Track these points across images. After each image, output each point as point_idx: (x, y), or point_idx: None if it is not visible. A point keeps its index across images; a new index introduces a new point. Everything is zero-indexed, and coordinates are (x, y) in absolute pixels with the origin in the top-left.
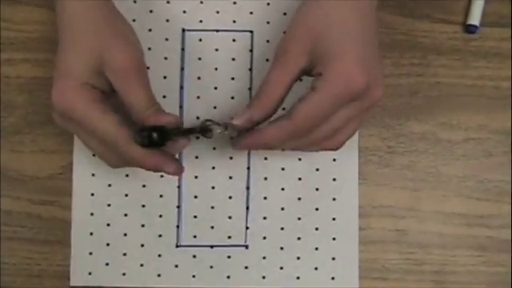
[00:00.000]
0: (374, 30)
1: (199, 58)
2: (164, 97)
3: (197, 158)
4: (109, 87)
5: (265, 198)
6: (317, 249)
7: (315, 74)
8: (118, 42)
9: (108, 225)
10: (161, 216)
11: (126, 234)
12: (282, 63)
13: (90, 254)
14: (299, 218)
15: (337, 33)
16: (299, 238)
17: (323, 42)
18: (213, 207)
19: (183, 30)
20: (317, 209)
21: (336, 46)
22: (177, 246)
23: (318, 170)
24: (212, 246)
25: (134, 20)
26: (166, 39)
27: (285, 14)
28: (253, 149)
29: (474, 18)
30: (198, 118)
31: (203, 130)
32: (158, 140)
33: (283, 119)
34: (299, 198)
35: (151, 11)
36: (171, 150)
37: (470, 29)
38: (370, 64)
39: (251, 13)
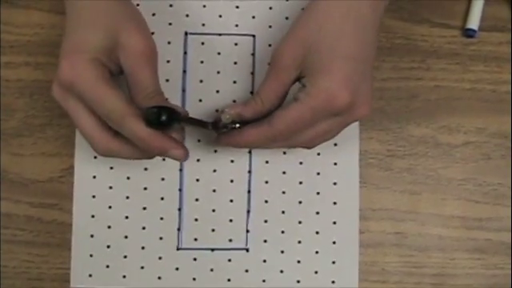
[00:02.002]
0: (371, 46)
1: (201, 62)
2: (166, 99)
3: (198, 160)
4: (116, 69)
5: (266, 201)
6: (317, 252)
7: (302, 84)
8: (135, 26)
9: (109, 227)
10: (162, 219)
11: (126, 237)
12: (275, 74)
13: (91, 256)
14: (300, 222)
15: (327, 48)
16: (300, 242)
17: (313, 56)
18: (214, 210)
19: (186, 34)
20: (317, 212)
21: (324, 61)
22: (177, 249)
23: (318, 174)
24: (213, 249)
25: None
26: (169, 42)
27: (287, 18)
28: (232, 146)
29: (473, 23)
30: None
31: (215, 123)
32: (166, 119)
33: (264, 124)
34: (300, 202)
35: (154, 14)
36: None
37: (468, 33)
38: (357, 82)
39: (253, 17)
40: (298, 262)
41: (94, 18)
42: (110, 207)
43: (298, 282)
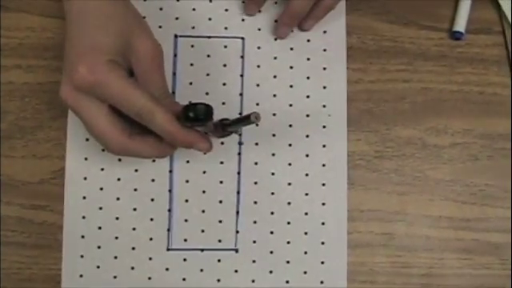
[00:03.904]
0: None
1: (191, 64)
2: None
3: (188, 162)
4: (128, 71)
5: (255, 202)
6: (306, 253)
7: None
8: (143, 30)
9: (99, 228)
10: (152, 219)
11: (117, 237)
12: None
13: (82, 256)
14: (289, 223)
15: None
16: (289, 243)
17: None
18: (203, 211)
19: (175, 36)
20: (306, 213)
21: None
22: (167, 250)
23: (307, 175)
24: (202, 250)
25: None
26: None
27: (276, 21)
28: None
29: (460, 25)
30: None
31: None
32: (204, 116)
33: None
34: (289, 203)
35: (144, 17)
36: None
37: (455, 35)
38: None
39: (243, 20)
40: (287, 262)
41: (106, 22)
42: (100, 208)
43: (287, 282)
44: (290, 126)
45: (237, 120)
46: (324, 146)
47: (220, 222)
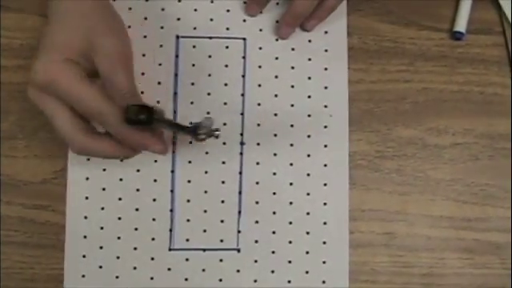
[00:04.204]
0: None
1: (193, 65)
2: (158, 102)
3: (190, 162)
4: (91, 71)
5: (257, 202)
6: (308, 253)
7: None
8: (109, 29)
9: (101, 228)
10: (154, 219)
11: (119, 238)
12: None
13: (84, 256)
14: (290, 223)
15: None
16: (290, 242)
17: None
18: (205, 211)
19: (177, 37)
20: (308, 213)
21: None
22: (169, 250)
23: (309, 175)
24: (204, 250)
25: (129, 27)
26: (161, 46)
27: (277, 21)
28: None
29: (461, 25)
30: (191, 123)
31: (193, 130)
32: (146, 118)
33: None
34: (290, 203)
35: (146, 18)
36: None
37: (456, 36)
38: None
39: (244, 20)
40: (289, 262)
41: (69, 20)
42: (102, 208)
43: (289, 282)
44: (292, 126)
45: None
46: (325, 146)
47: (222, 221)
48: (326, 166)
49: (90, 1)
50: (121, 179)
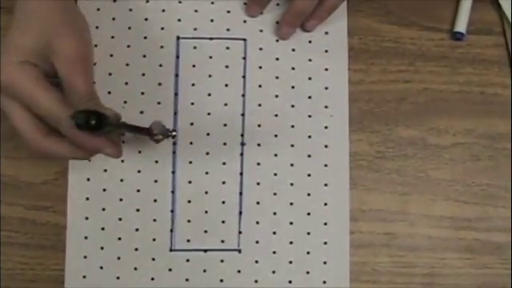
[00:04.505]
0: None
1: (193, 66)
2: (159, 103)
3: (190, 163)
4: (51, 72)
5: (257, 202)
6: (308, 253)
7: None
8: (68, 31)
9: (102, 229)
10: (155, 220)
11: (120, 238)
12: None
13: (85, 257)
14: (291, 223)
15: None
16: (291, 243)
17: None
18: (206, 212)
19: (178, 38)
20: (308, 213)
21: None
22: (170, 250)
23: (309, 175)
24: (205, 250)
25: (129, 28)
26: (161, 47)
27: (277, 22)
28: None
29: (461, 26)
30: (191, 124)
31: (148, 133)
32: (96, 124)
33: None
34: (291, 203)
35: (146, 19)
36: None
37: (456, 36)
38: None
39: (245, 21)
40: (290, 262)
41: (28, 21)
42: (103, 209)
43: (290, 282)
44: (292, 126)
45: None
46: (326, 146)
47: (223, 222)
48: (326, 166)
49: (51, 1)
50: (121, 180)
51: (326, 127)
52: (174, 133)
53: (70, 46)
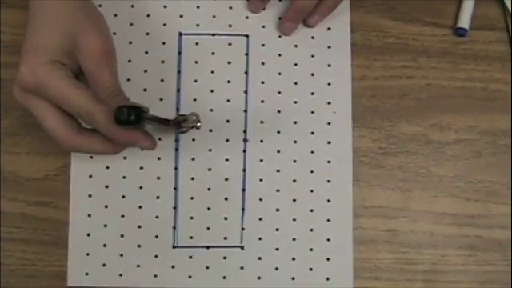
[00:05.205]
0: None
1: (196, 62)
2: (161, 99)
3: (193, 159)
4: (77, 70)
5: (260, 199)
6: (311, 250)
7: None
8: (92, 28)
9: (105, 226)
10: (157, 217)
11: (122, 235)
12: None
13: (87, 254)
14: (294, 220)
15: None
16: (294, 239)
17: None
18: (209, 208)
19: (180, 34)
20: (311, 210)
21: None
22: (173, 247)
23: (312, 172)
24: (208, 247)
25: (131, 24)
26: (163, 43)
27: (280, 18)
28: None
29: (464, 22)
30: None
31: (177, 124)
32: (135, 118)
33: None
34: (294, 200)
35: (148, 15)
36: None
37: (459, 32)
38: None
39: (247, 17)
40: (293, 259)
41: (53, 20)
42: (106, 206)
43: (293, 279)
44: (295, 122)
45: (178, 119)
46: (329, 142)
47: (225, 219)
48: (329, 162)
49: (70, 1)
50: (124, 177)
51: (328, 123)
52: (198, 123)
53: (96, 43)
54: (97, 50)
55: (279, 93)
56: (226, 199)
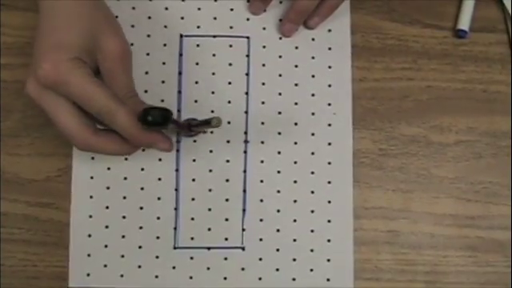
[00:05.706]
0: None
1: (197, 63)
2: (162, 101)
3: (194, 161)
4: (94, 69)
5: (261, 200)
6: (312, 250)
7: None
8: (112, 29)
9: (106, 227)
10: (158, 218)
11: (124, 236)
12: None
13: (89, 255)
14: (295, 220)
15: None
16: (295, 240)
17: None
18: (210, 209)
19: (181, 36)
20: (312, 211)
21: None
22: (174, 248)
23: (313, 173)
24: (209, 248)
25: (132, 26)
26: (165, 45)
27: (280, 20)
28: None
29: (464, 23)
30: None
31: (195, 126)
32: (163, 120)
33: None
34: (295, 201)
35: (150, 17)
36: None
37: (459, 34)
38: None
39: (248, 19)
40: (294, 260)
41: (74, 20)
42: (107, 207)
43: (294, 279)
44: (296, 124)
45: (200, 123)
46: (329, 143)
47: (226, 220)
48: (329, 163)
49: (90, 1)
50: (125, 178)
51: (329, 125)
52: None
53: (115, 44)
54: (116, 50)
55: (280, 94)
56: (226, 200)
